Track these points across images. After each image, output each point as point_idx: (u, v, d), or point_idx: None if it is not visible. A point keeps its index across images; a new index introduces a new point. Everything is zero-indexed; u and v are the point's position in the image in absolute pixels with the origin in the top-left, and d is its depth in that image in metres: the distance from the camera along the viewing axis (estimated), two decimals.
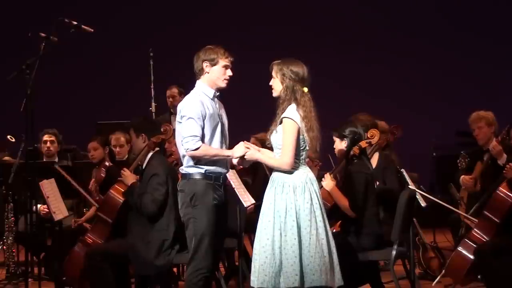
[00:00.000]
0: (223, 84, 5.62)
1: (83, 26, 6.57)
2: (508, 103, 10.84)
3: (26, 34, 6.40)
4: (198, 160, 5.49)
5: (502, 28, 11.96)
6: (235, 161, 5.53)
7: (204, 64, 5.58)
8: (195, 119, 5.46)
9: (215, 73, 5.59)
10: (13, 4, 12.27)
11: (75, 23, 6.52)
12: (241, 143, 5.45)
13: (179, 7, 12.34)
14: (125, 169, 6.44)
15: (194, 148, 5.44)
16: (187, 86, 5.69)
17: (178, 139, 5.60)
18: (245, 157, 5.41)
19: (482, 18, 11.95)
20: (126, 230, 6.37)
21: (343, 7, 12.14)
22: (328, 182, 6.09)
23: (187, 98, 5.61)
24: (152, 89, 9.85)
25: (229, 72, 5.62)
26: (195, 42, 5.73)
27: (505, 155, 6.79)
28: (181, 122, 5.53)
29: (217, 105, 5.64)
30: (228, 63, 5.61)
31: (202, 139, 5.47)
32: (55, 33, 6.39)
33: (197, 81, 5.64)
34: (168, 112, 9.67)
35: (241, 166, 7.26)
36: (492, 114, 7.21)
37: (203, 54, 5.59)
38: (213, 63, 5.57)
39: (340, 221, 6.27)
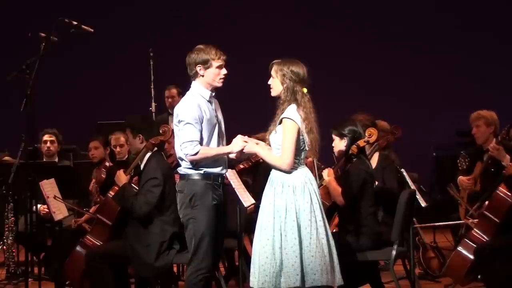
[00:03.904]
0: (219, 84, 5.60)
1: (83, 26, 6.58)
2: (508, 103, 10.84)
3: (26, 34, 6.41)
4: (197, 163, 5.49)
5: (504, 27, 11.95)
6: (233, 155, 5.53)
7: (198, 68, 5.55)
8: (193, 124, 5.45)
9: (210, 75, 5.56)
10: (13, 4, 12.27)
11: (75, 23, 6.53)
12: (239, 136, 5.44)
13: (179, 6, 12.33)
14: (121, 169, 6.43)
15: (193, 153, 5.44)
16: (187, 86, 5.69)
17: (176, 142, 5.60)
18: (243, 150, 5.41)
19: (484, 18, 11.94)
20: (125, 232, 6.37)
21: (344, 4, 12.13)
22: (327, 174, 6.11)
23: (184, 101, 5.59)
24: (152, 89, 9.87)
25: (224, 71, 5.59)
26: (196, 41, 5.72)
27: (508, 156, 6.78)
28: (178, 126, 5.52)
29: (213, 106, 5.63)
30: (221, 63, 5.58)
31: (200, 142, 5.47)
32: (55, 33, 6.39)
33: (193, 82, 5.62)
34: (166, 112, 9.68)
35: (241, 166, 7.31)
36: (494, 114, 7.22)
37: (195, 56, 5.54)
38: (207, 66, 5.54)
39: (336, 222, 6.28)
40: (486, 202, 6.61)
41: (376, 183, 6.34)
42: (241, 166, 7.32)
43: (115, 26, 11.88)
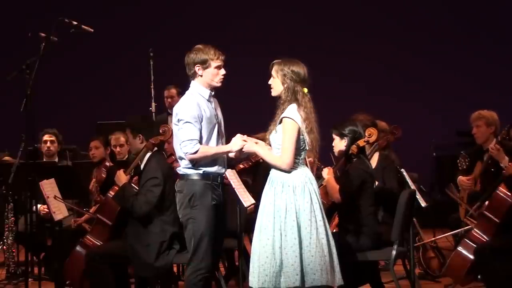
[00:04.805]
0: (218, 84, 5.60)
1: (83, 26, 6.58)
2: (508, 103, 10.84)
3: (26, 34, 6.40)
4: (197, 162, 5.49)
5: (504, 27, 11.94)
6: (232, 154, 5.53)
7: (196, 68, 5.55)
8: (193, 123, 5.45)
9: (208, 76, 5.56)
10: (13, 4, 12.27)
11: (75, 23, 6.53)
12: (238, 135, 5.44)
13: (179, 6, 12.34)
14: (121, 169, 6.43)
15: (192, 152, 5.44)
16: (187, 86, 5.69)
17: (175, 141, 5.60)
18: (243, 149, 5.41)
19: (484, 18, 11.93)
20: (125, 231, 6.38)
21: (344, 4, 12.13)
22: (326, 173, 6.11)
23: (183, 100, 5.59)
24: (152, 89, 9.87)
25: (222, 71, 5.59)
26: (196, 41, 5.72)
27: (506, 158, 6.78)
28: (177, 125, 5.52)
29: (213, 105, 5.63)
30: (220, 63, 5.57)
31: (200, 141, 5.47)
32: (55, 33, 6.38)
33: (192, 82, 5.62)
34: (166, 112, 9.69)
35: (241, 166, 7.31)
36: (494, 115, 7.22)
37: (194, 56, 5.54)
38: (205, 66, 5.54)
39: (336, 222, 6.28)
40: (486, 202, 6.61)
41: (376, 183, 6.35)
42: (241, 166, 7.31)
43: (115, 26, 11.89)
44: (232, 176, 6.52)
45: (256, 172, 7.42)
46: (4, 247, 8.10)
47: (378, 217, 6.26)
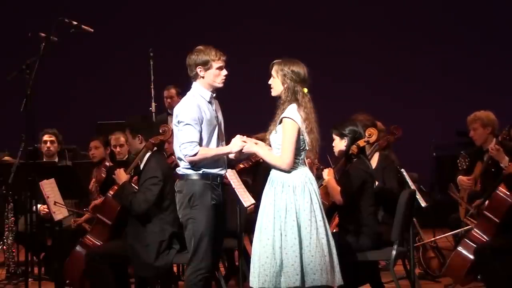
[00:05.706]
0: (220, 85, 5.60)
1: (83, 26, 6.58)
2: (508, 103, 10.84)
3: (26, 34, 6.41)
4: (196, 164, 5.49)
5: (504, 28, 11.94)
6: (232, 155, 5.53)
7: (198, 69, 5.54)
8: (193, 125, 5.45)
9: (210, 77, 5.55)
10: (13, 4, 12.27)
11: (75, 23, 6.53)
12: (238, 136, 5.44)
13: (179, 6, 12.34)
14: (121, 168, 6.43)
15: (192, 154, 5.44)
16: (187, 86, 5.69)
17: (175, 142, 5.59)
18: (243, 150, 5.41)
19: (485, 18, 11.93)
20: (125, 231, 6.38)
21: (344, 5, 12.13)
22: (327, 173, 6.11)
23: (184, 102, 5.58)
24: (152, 89, 9.87)
25: (224, 72, 5.59)
26: (196, 42, 5.72)
27: (506, 158, 6.79)
28: (177, 126, 5.52)
29: (214, 107, 5.63)
30: (221, 64, 5.57)
31: (200, 143, 5.47)
32: (55, 33, 6.39)
33: (194, 83, 5.62)
34: (165, 112, 9.69)
35: (241, 166, 7.31)
36: (490, 114, 7.22)
37: (195, 58, 5.53)
38: (207, 67, 5.53)
39: (336, 222, 6.28)
40: (486, 202, 6.61)
41: (376, 183, 6.35)
42: (241, 166, 7.32)
43: (115, 26, 11.89)
44: (232, 176, 6.52)
45: (256, 172, 7.43)
46: (4, 247, 8.10)
47: (378, 217, 6.26)
